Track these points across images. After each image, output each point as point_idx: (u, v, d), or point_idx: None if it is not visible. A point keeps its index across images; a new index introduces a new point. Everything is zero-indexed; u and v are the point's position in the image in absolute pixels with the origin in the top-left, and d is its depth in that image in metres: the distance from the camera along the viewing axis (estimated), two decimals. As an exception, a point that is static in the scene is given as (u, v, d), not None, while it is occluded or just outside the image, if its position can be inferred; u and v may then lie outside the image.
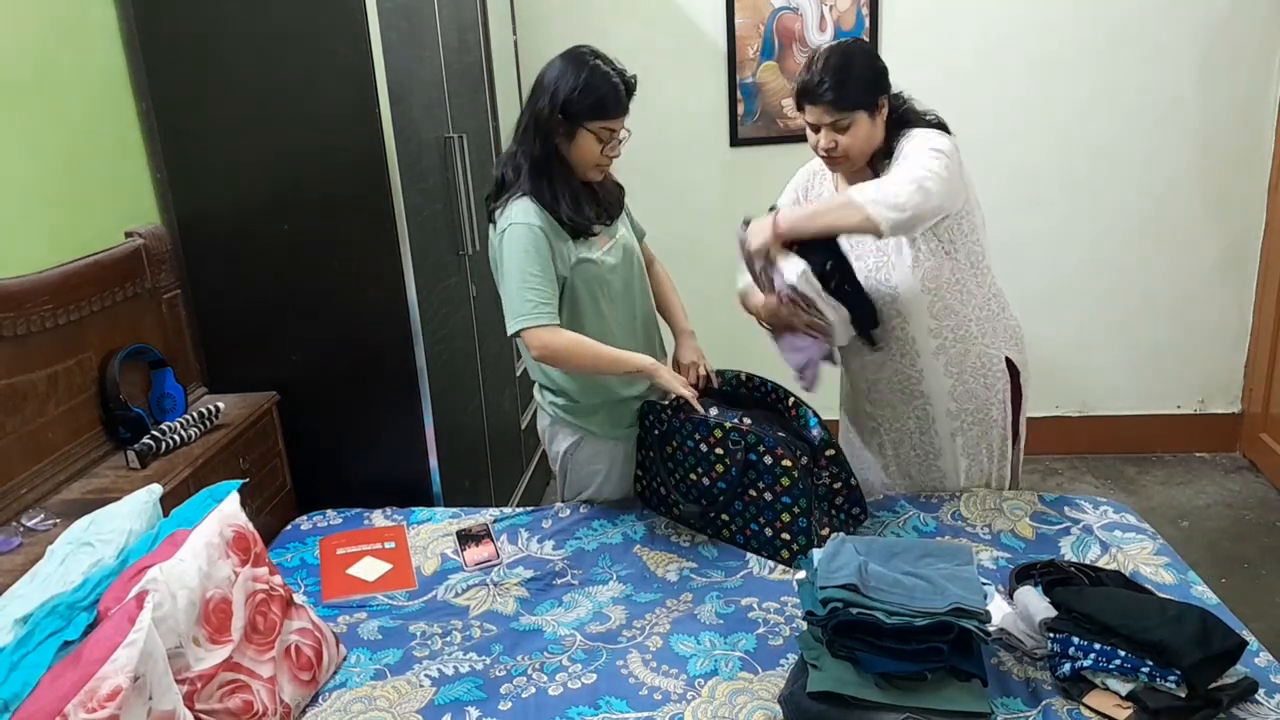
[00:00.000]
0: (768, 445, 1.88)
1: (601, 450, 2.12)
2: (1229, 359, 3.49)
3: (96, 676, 1.21)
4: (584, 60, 1.86)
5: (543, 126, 1.87)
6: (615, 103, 1.86)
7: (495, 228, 1.92)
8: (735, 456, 1.92)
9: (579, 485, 2.18)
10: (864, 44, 1.89)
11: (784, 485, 1.88)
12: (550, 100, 1.85)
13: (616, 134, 1.90)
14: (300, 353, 2.33)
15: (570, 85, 1.83)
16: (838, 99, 1.83)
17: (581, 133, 1.86)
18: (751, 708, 1.52)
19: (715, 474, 1.97)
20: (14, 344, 1.77)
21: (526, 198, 1.88)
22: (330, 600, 1.89)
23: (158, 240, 2.17)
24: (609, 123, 1.87)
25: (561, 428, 2.11)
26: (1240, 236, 3.35)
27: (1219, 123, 3.24)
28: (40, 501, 1.81)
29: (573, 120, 1.85)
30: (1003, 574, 1.83)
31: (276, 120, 2.16)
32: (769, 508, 1.91)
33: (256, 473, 2.18)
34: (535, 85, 1.90)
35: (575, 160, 1.91)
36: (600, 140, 1.88)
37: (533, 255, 1.85)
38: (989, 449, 2.11)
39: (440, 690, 1.61)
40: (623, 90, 1.87)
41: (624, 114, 1.90)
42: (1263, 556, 2.91)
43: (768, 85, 3.33)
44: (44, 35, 1.93)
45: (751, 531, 1.96)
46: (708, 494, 2.00)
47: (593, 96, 1.84)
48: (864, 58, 1.89)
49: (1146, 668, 1.44)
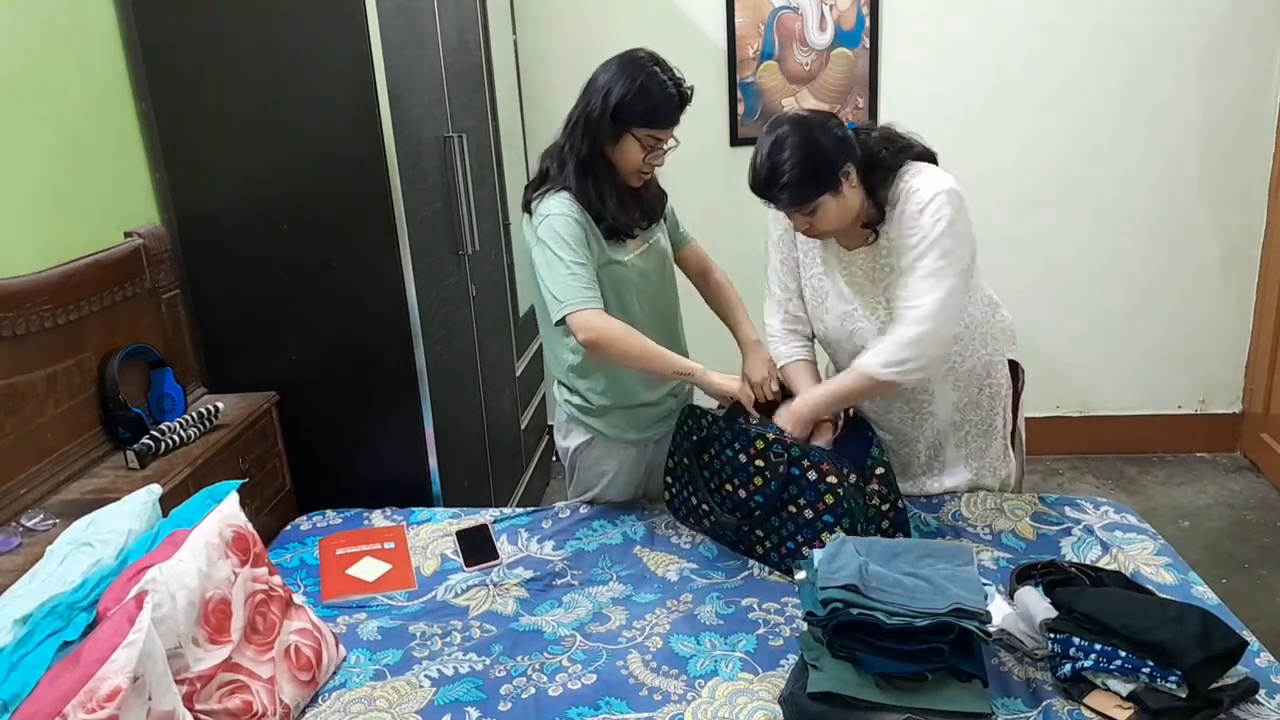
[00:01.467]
0: (813, 460, 1.81)
1: (611, 452, 2.11)
2: (1230, 359, 3.49)
3: (96, 677, 1.21)
4: (641, 66, 1.84)
5: (591, 127, 1.85)
6: (667, 113, 1.84)
7: (530, 218, 1.91)
8: (777, 470, 1.84)
9: (586, 484, 2.18)
10: (808, 124, 1.73)
11: (828, 503, 1.79)
12: (602, 102, 1.83)
13: (663, 143, 1.88)
14: (300, 353, 2.33)
15: (623, 90, 1.81)
16: (793, 198, 1.73)
17: (627, 138, 1.85)
18: (752, 708, 1.51)
19: (753, 486, 1.89)
20: (13, 344, 1.76)
21: (566, 193, 1.87)
22: (330, 600, 1.89)
23: (157, 240, 2.17)
24: (656, 131, 1.85)
25: (574, 425, 2.11)
26: (1241, 236, 3.35)
27: (1219, 123, 3.24)
28: (40, 502, 1.80)
29: (620, 124, 1.83)
30: (1003, 574, 1.83)
31: (276, 120, 2.16)
32: (809, 525, 1.82)
33: (256, 473, 2.18)
34: (589, 84, 1.88)
35: (618, 163, 1.89)
36: (645, 148, 1.86)
37: (575, 243, 1.85)
38: (994, 455, 2.11)
39: (440, 691, 1.61)
40: (676, 101, 1.84)
41: (674, 125, 1.86)
42: (1263, 557, 2.91)
43: (768, 85, 3.33)
44: (44, 35, 1.93)
45: (788, 550, 1.86)
46: (743, 507, 1.92)
47: (645, 104, 1.81)
48: (809, 147, 1.71)
49: (1147, 668, 1.44)
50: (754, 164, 1.75)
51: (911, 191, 1.79)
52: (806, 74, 3.31)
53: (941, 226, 1.75)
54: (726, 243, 2.16)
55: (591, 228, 1.88)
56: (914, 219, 1.77)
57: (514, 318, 3.12)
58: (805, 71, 3.31)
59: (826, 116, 1.79)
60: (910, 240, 1.78)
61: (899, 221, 1.81)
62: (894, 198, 1.81)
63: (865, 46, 3.26)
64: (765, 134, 1.76)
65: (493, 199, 2.90)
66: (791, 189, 1.72)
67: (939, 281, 1.75)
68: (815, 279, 1.98)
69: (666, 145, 1.89)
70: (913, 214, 1.77)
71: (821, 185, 1.73)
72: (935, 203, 1.75)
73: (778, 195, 1.73)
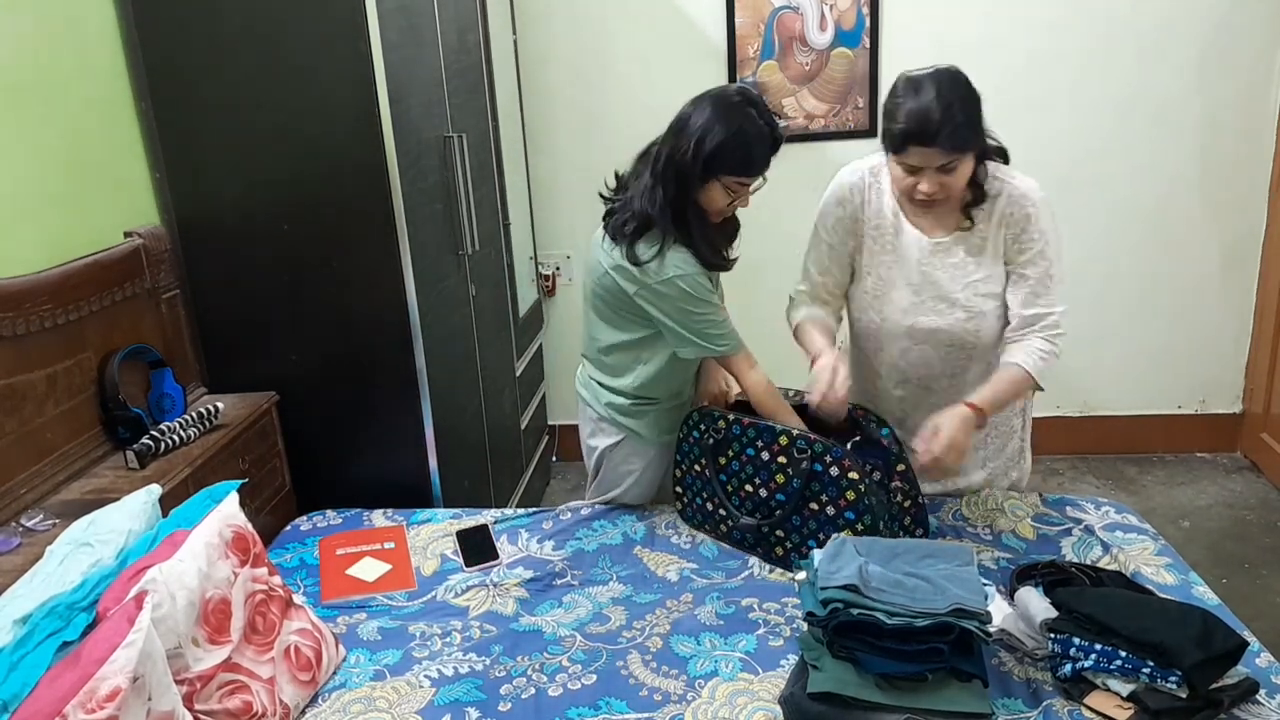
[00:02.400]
0: (835, 456, 1.79)
1: (638, 451, 2.10)
2: (1230, 359, 3.49)
3: (95, 677, 1.21)
4: (737, 110, 1.78)
5: (682, 172, 1.79)
6: (761, 162, 1.79)
7: (647, 270, 1.84)
8: (799, 466, 1.82)
9: (609, 484, 2.17)
10: (959, 74, 1.71)
11: (849, 499, 1.78)
12: (694, 148, 1.77)
13: (748, 186, 1.84)
14: (300, 353, 2.33)
15: (719, 138, 1.75)
16: (957, 142, 1.67)
17: (713, 183, 1.81)
18: (752, 709, 1.51)
19: (775, 484, 1.87)
20: (13, 344, 1.76)
21: (684, 249, 1.84)
22: (330, 601, 1.89)
23: (157, 240, 2.17)
24: (745, 179, 1.81)
25: (606, 425, 2.09)
26: (1241, 236, 3.34)
27: (1219, 123, 3.24)
28: (39, 502, 1.80)
29: (708, 172, 1.79)
30: (1004, 574, 1.83)
31: (276, 120, 2.16)
32: (830, 523, 1.81)
33: (256, 473, 2.18)
34: (679, 122, 1.82)
35: (703, 205, 1.85)
36: (729, 194, 1.83)
37: (705, 296, 1.86)
38: (1010, 455, 2.11)
39: (440, 691, 1.61)
40: (770, 146, 1.79)
41: (765, 169, 1.82)
42: (1264, 557, 2.91)
43: (768, 85, 3.33)
44: (44, 35, 1.93)
45: (809, 549, 1.82)
46: (764, 507, 1.90)
47: (738, 154, 1.77)
48: (969, 88, 1.72)
49: (1147, 668, 1.43)
50: (917, 105, 1.67)
51: (1024, 194, 1.81)
52: (806, 74, 3.31)
53: (1054, 232, 1.81)
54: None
55: (706, 272, 1.88)
56: (1037, 221, 1.81)
57: (514, 318, 3.12)
58: (805, 71, 3.31)
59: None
60: (1038, 244, 1.82)
61: (1010, 222, 1.82)
62: (991, 190, 1.82)
63: (865, 46, 3.26)
64: (917, 80, 1.70)
65: (493, 199, 2.90)
66: (961, 130, 1.67)
67: (1060, 284, 1.84)
68: (883, 268, 1.92)
69: (753, 187, 1.85)
70: (1035, 216, 1.81)
71: (979, 136, 1.73)
72: (1048, 206, 1.82)
73: (945, 134, 1.66)
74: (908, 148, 1.71)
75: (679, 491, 2.10)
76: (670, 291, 1.85)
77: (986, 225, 1.84)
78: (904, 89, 1.72)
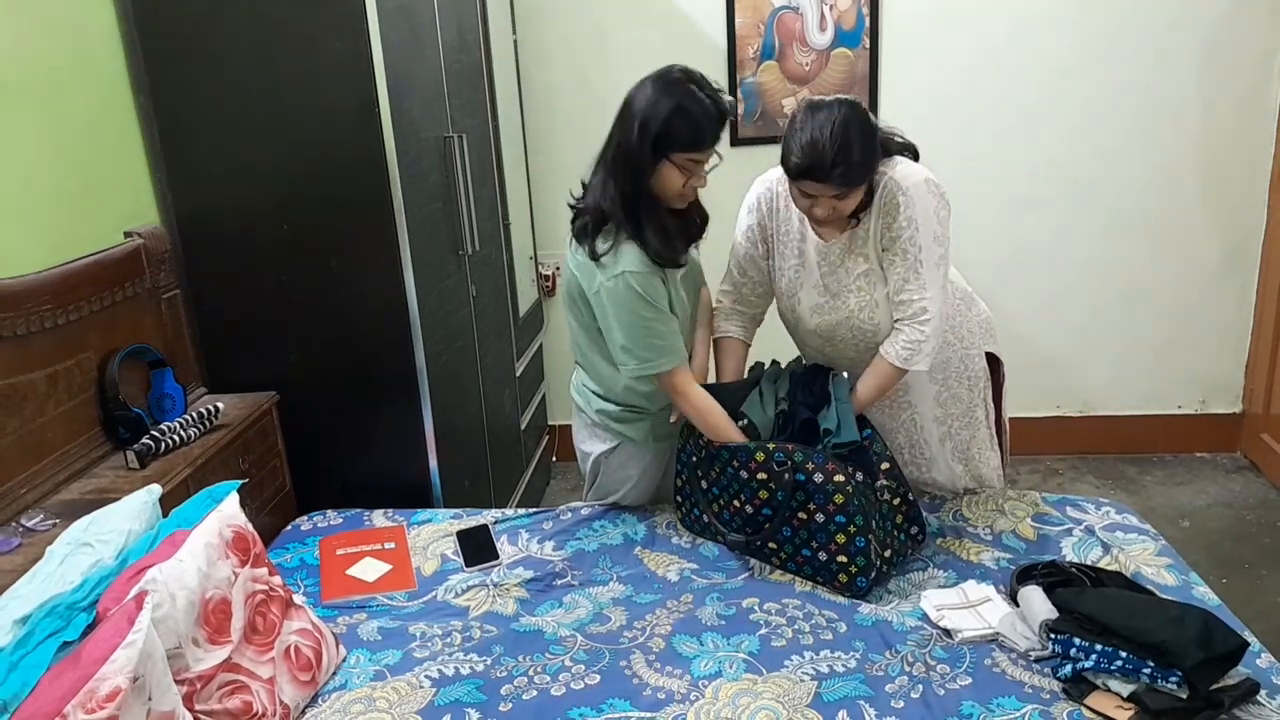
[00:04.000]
0: (816, 462, 1.78)
1: (635, 456, 2.10)
2: (1230, 359, 3.49)
3: (96, 677, 1.21)
4: (677, 85, 1.76)
5: (631, 158, 1.78)
6: (709, 134, 1.77)
7: (601, 266, 1.84)
8: (782, 479, 1.81)
9: (607, 489, 2.17)
10: (857, 108, 1.74)
11: (837, 503, 1.77)
12: (640, 132, 1.75)
13: (702, 164, 1.81)
14: (300, 353, 2.32)
15: (662, 116, 1.74)
16: (850, 179, 1.72)
17: (664, 164, 1.78)
18: (755, 708, 1.51)
19: (759, 500, 1.87)
20: (13, 344, 1.76)
21: (635, 243, 1.82)
22: (330, 601, 1.89)
23: (157, 240, 2.17)
24: (696, 155, 1.78)
25: (600, 432, 2.09)
26: (1241, 236, 3.34)
27: (1219, 123, 3.23)
28: (40, 502, 1.80)
29: (658, 153, 1.76)
30: (1004, 574, 1.83)
31: (276, 120, 2.16)
32: (822, 529, 1.80)
33: (256, 473, 2.18)
34: (624, 109, 1.81)
35: (659, 192, 1.83)
36: (685, 172, 1.79)
37: (652, 299, 1.83)
38: (978, 448, 2.11)
39: (440, 691, 1.61)
40: (717, 119, 1.77)
41: (715, 144, 1.80)
42: (1264, 557, 2.91)
43: (768, 85, 3.33)
44: (44, 35, 1.92)
45: (804, 557, 1.84)
46: (752, 522, 1.90)
47: (684, 127, 1.74)
48: (870, 131, 1.75)
49: (1148, 669, 1.44)
50: (811, 139, 1.69)
51: (896, 182, 1.81)
52: (807, 74, 3.31)
53: (934, 216, 1.80)
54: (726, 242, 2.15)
55: (660, 272, 1.86)
56: (906, 209, 1.80)
57: (514, 318, 3.12)
58: (805, 71, 3.30)
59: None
60: (906, 231, 1.81)
61: (883, 211, 1.83)
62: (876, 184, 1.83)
63: (865, 46, 3.26)
64: (815, 111, 1.73)
65: (493, 199, 2.89)
66: (855, 169, 1.71)
67: (938, 269, 1.82)
68: (790, 271, 1.99)
69: (707, 165, 1.82)
70: (905, 204, 1.80)
71: (871, 170, 1.77)
72: (923, 193, 1.80)
73: (837, 174, 1.69)
74: (803, 180, 1.75)
75: (679, 500, 2.10)
76: (619, 288, 1.82)
77: (868, 217, 1.87)
78: (802, 120, 1.74)
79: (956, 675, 1.57)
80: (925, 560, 1.92)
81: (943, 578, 1.86)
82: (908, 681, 1.56)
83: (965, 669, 1.59)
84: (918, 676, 1.57)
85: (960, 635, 1.65)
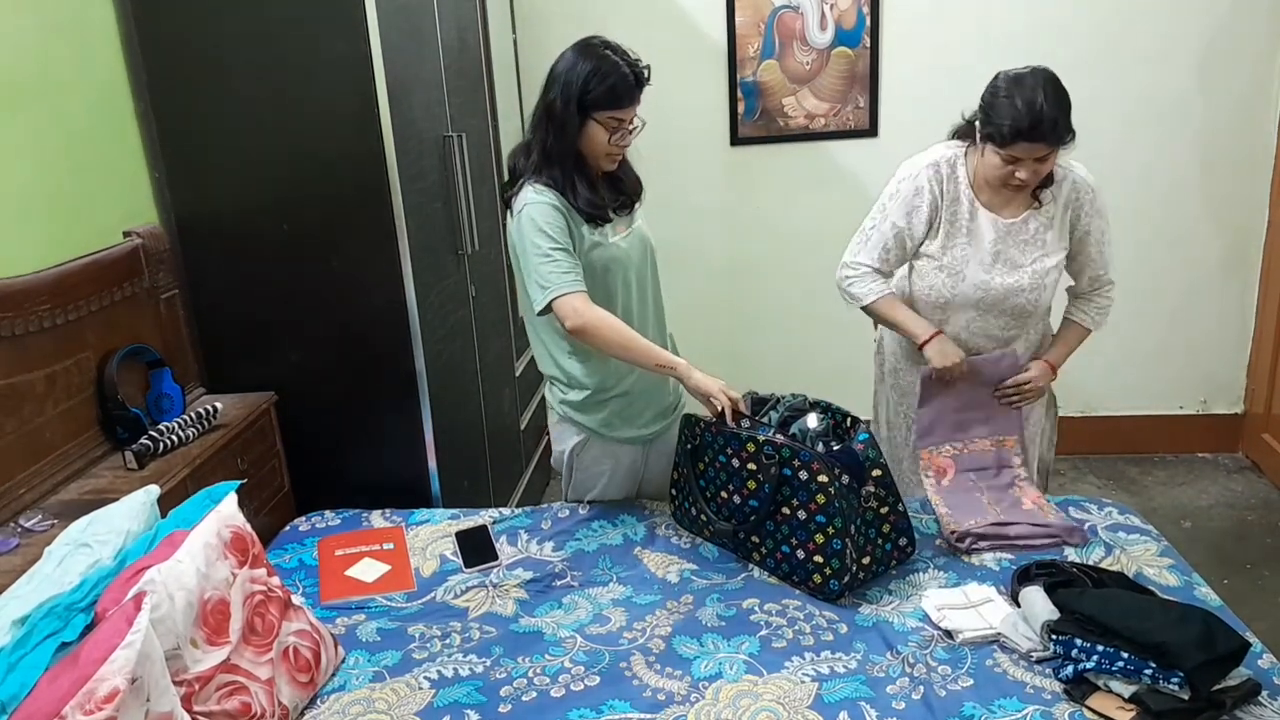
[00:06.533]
0: (803, 459, 1.78)
1: (607, 451, 2.10)
2: (1231, 359, 3.48)
3: (94, 678, 1.21)
4: (594, 50, 1.88)
5: (555, 118, 1.88)
6: (625, 94, 1.87)
7: (512, 214, 1.94)
8: (769, 472, 1.82)
9: (584, 486, 2.17)
10: (1050, 73, 1.91)
11: (819, 503, 1.76)
12: (562, 92, 1.86)
13: (625, 124, 1.91)
14: (299, 353, 2.32)
15: (581, 76, 1.85)
16: (1058, 137, 1.86)
17: (591, 123, 1.88)
18: (754, 710, 1.51)
19: (747, 491, 1.88)
20: (12, 344, 1.76)
21: (538, 181, 1.90)
22: (329, 602, 1.89)
23: (156, 240, 2.17)
24: (617, 113, 1.88)
25: (568, 426, 2.09)
26: (1242, 236, 3.34)
27: (1220, 123, 3.23)
28: (38, 502, 1.80)
29: (583, 111, 1.86)
30: (1005, 574, 1.83)
31: (276, 120, 2.16)
32: (802, 527, 1.79)
33: (255, 473, 2.18)
34: (549, 76, 1.91)
35: (586, 151, 1.91)
36: (609, 130, 1.89)
37: (550, 230, 1.87)
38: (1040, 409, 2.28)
39: (439, 693, 1.61)
40: (632, 80, 1.88)
41: (634, 105, 1.90)
42: (1265, 557, 2.90)
43: (768, 84, 3.32)
44: (44, 35, 1.92)
45: (783, 554, 1.84)
46: (739, 513, 1.91)
47: (602, 87, 1.85)
48: (1063, 86, 1.90)
49: (1149, 670, 1.43)
50: (1029, 100, 1.85)
51: (1081, 177, 2.04)
52: (807, 73, 3.30)
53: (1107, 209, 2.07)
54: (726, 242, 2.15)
55: (570, 213, 1.90)
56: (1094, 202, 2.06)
57: (514, 318, 3.12)
58: (806, 71, 3.30)
59: None
60: (1096, 222, 2.08)
61: (1071, 203, 2.05)
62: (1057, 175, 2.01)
63: (866, 46, 3.26)
64: (1020, 78, 1.89)
65: (492, 199, 2.89)
66: (1069, 127, 1.87)
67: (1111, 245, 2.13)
68: (958, 249, 2.09)
69: (631, 126, 1.92)
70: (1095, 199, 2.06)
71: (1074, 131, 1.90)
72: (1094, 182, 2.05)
73: (1059, 131, 1.85)
74: (1017, 142, 1.88)
75: (673, 494, 2.10)
76: (522, 223, 1.89)
77: (1054, 206, 2.05)
78: (1007, 87, 1.90)
79: (958, 676, 1.57)
80: (926, 561, 1.91)
81: (944, 578, 1.85)
82: (909, 683, 1.56)
83: (966, 670, 1.58)
84: (919, 677, 1.57)
85: (961, 636, 1.65)
